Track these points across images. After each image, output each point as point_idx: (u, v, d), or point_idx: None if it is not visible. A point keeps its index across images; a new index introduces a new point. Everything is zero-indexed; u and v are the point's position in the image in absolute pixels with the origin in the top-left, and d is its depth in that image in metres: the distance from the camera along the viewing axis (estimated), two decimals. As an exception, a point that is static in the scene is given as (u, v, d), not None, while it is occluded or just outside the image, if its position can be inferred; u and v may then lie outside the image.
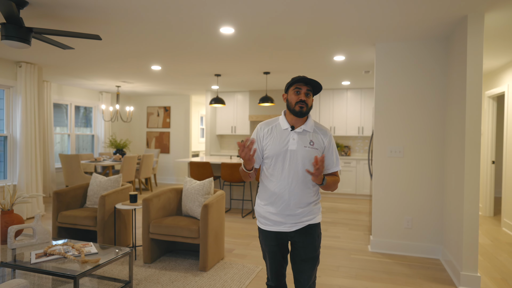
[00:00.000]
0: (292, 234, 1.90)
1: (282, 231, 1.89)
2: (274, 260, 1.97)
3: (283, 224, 1.88)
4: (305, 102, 1.84)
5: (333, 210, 6.25)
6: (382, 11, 3.06)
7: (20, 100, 5.29)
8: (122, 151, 7.64)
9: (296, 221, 1.87)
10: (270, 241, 1.94)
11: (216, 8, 3.03)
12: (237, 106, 8.46)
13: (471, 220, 3.07)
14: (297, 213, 1.87)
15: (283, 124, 1.92)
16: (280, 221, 1.88)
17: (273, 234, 1.92)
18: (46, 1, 2.90)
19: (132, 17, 3.30)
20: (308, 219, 1.88)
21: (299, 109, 1.84)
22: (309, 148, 1.86)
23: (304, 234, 1.89)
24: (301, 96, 1.84)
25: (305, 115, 1.86)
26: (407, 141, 3.95)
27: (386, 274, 3.37)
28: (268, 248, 1.97)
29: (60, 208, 3.98)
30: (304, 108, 1.84)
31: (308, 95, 1.87)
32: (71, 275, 2.35)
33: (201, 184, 3.70)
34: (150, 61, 5.20)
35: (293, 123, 1.90)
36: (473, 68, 3.06)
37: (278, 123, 1.94)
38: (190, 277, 3.23)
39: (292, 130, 1.89)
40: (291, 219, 1.87)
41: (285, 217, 1.87)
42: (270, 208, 1.90)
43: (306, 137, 1.88)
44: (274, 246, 1.94)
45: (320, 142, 1.90)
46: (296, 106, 1.84)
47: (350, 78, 6.41)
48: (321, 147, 1.90)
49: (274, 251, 1.95)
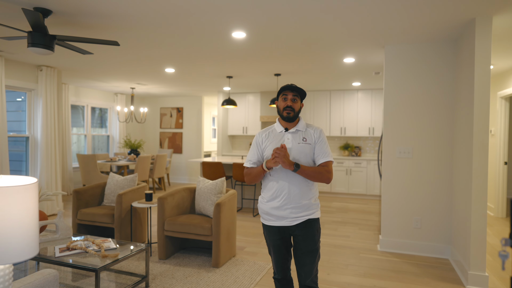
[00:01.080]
0: (293, 228, 2.06)
1: (284, 225, 2.06)
2: (279, 254, 2.14)
3: (285, 219, 2.05)
4: (291, 107, 2.06)
5: (343, 210, 6.31)
6: (391, 14, 3.13)
7: (41, 102, 5.53)
8: (137, 151, 7.85)
9: (296, 215, 2.04)
10: (273, 235, 2.11)
11: (229, 14, 3.16)
12: (249, 107, 8.58)
13: (479, 219, 3.11)
14: (296, 207, 2.03)
15: (278, 128, 2.15)
16: (282, 216, 2.05)
17: (276, 228, 2.09)
18: (68, 9, 3.08)
19: (148, 23, 3.45)
20: (308, 214, 2.05)
21: (286, 115, 2.07)
22: (302, 144, 2.06)
23: (305, 228, 2.05)
24: (288, 102, 2.06)
25: (292, 120, 2.08)
26: (416, 142, 4.00)
27: (394, 273, 3.44)
28: (272, 242, 2.14)
29: (79, 206, 4.17)
30: (291, 114, 2.06)
31: (294, 100, 2.08)
32: (93, 268, 2.51)
33: (213, 183, 3.83)
34: (164, 64, 5.37)
35: (286, 126, 2.12)
36: (481, 70, 3.10)
37: (274, 129, 2.18)
38: (203, 273, 3.36)
39: (286, 131, 2.10)
40: (291, 213, 2.03)
41: (287, 211, 2.03)
42: (273, 203, 2.06)
43: (298, 135, 2.09)
44: (278, 240, 2.11)
45: (312, 137, 2.09)
46: (283, 112, 2.08)
47: (361, 79, 6.46)
48: (313, 142, 2.09)
49: (278, 244, 2.12)
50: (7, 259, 1.10)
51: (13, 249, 1.11)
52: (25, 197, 1.13)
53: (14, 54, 4.86)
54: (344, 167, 7.58)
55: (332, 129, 7.92)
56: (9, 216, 1.10)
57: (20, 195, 1.11)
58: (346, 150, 7.89)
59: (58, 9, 3.07)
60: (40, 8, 3.00)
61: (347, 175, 7.56)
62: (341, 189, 7.63)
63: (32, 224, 1.16)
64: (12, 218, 1.10)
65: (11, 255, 1.11)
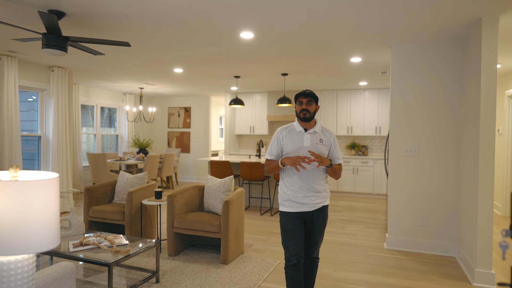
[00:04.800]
0: (311, 214, 2.41)
1: (304, 211, 2.40)
2: (298, 237, 2.41)
3: (306, 205, 2.39)
4: (306, 109, 2.38)
5: (350, 209, 6.33)
6: (398, 14, 3.16)
7: (52, 102, 5.65)
8: (145, 150, 7.96)
9: (315, 202, 2.39)
10: (295, 220, 2.41)
11: (237, 15, 3.21)
12: (256, 106, 8.64)
13: (486, 217, 3.13)
14: (316, 195, 2.38)
15: (297, 128, 2.45)
16: (303, 203, 2.38)
17: (297, 214, 2.41)
18: (81, 11, 3.16)
19: (157, 24, 3.52)
20: (322, 201, 2.43)
21: (303, 116, 2.39)
22: (319, 145, 2.40)
23: (320, 213, 2.44)
24: (303, 106, 2.39)
25: (309, 120, 2.40)
26: (422, 141, 4.02)
27: (400, 270, 3.46)
28: (292, 227, 2.41)
29: (91, 203, 4.27)
30: (307, 115, 2.38)
31: (309, 103, 2.39)
32: (106, 262, 2.59)
33: (222, 181, 3.89)
34: (172, 64, 5.45)
35: (305, 126, 2.43)
36: (487, 69, 3.12)
37: (293, 127, 2.47)
38: (212, 269, 3.42)
39: (306, 131, 2.41)
40: (311, 199, 2.37)
41: (307, 198, 2.37)
42: (294, 192, 2.39)
43: (316, 136, 2.42)
44: (298, 224, 2.41)
45: (328, 140, 2.45)
46: (300, 113, 2.40)
47: (367, 78, 6.47)
48: (328, 144, 2.45)
49: (297, 228, 2.41)
50: (32, 249, 1.17)
51: (37, 240, 1.18)
52: (47, 190, 1.19)
53: (27, 55, 4.98)
54: (351, 166, 7.60)
55: (339, 128, 7.93)
56: (33, 208, 1.17)
57: (43, 189, 1.18)
58: (353, 149, 7.90)
59: (71, 11, 3.16)
60: (54, 10, 3.09)
61: (354, 174, 7.58)
62: (348, 188, 7.64)
63: (54, 217, 1.23)
64: (35, 210, 1.17)
65: (35, 245, 1.18)
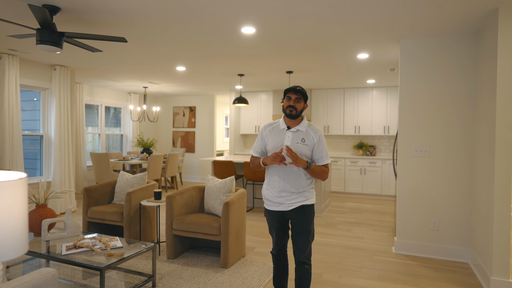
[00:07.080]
0: (289, 213, 2.37)
1: (281, 210, 2.37)
2: (277, 233, 2.46)
3: (282, 205, 2.36)
4: (293, 106, 2.30)
5: (357, 211, 6.14)
6: (407, 5, 2.99)
7: (54, 101, 5.59)
8: (149, 150, 7.88)
9: (291, 202, 2.33)
10: (273, 218, 2.43)
11: (235, 8, 3.07)
12: (261, 105, 8.50)
13: (502, 221, 2.93)
14: (291, 195, 2.32)
15: (281, 125, 2.39)
16: (279, 202, 2.35)
17: (275, 213, 2.41)
18: (77, 6, 3.06)
19: (156, 19, 3.40)
20: (301, 201, 2.34)
21: (289, 112, 2.32)
22: (300, 144, 2.30)
23: (299, 213, 2.34)
24: (291, 102, 2.31)
25: (295, 117, 2.32)
26: (433, 140, 3.82)
27: (409, 277, 3.28)
28: (272, 224, 2.45)
29: (90, 204, 4.17)
30: (293, 112, 2.30)
31: (297, 100, 2.31)
32: (97, 267, 2.47)
33: (222, 182, 3.76)
34: (175, 62, 5.34)
35: (289, 124, 2.37)
36: (504, 63, 2.92)
37: (278, 124, 2.42)
38: (211, 273, 3.29)
39: (288, 129, 2.34)
40: (287, 199, 2.33)
41: (282, 198, 2.33)
42: (271, 191, 2.38)
43: (298, 135, 2.33)
44: (276, 223, 2.43)
45: (311, 139, 2.33)
46: (287, 109, 2.32)
47: (375, 76, 6.28)
48: (312, 144, 2.33)
49: (276, 226, 2.44)
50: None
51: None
52: (10, 193, 1.07)
53: (28, 53, 4.92)
54: (358, 167, 7.40)
55: (346, 127, 7.74)
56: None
57: (3, 191, 1.05)
58: (361, 149, 7.70)
59: (66, 6, 3.06)
60: (48, 5, 2.99)
61: (362, 175, 7.38)
62: (355, 189, 7.45)
63: (19, 222, 1.11)
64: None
65: (-4, 253, 1.05)
